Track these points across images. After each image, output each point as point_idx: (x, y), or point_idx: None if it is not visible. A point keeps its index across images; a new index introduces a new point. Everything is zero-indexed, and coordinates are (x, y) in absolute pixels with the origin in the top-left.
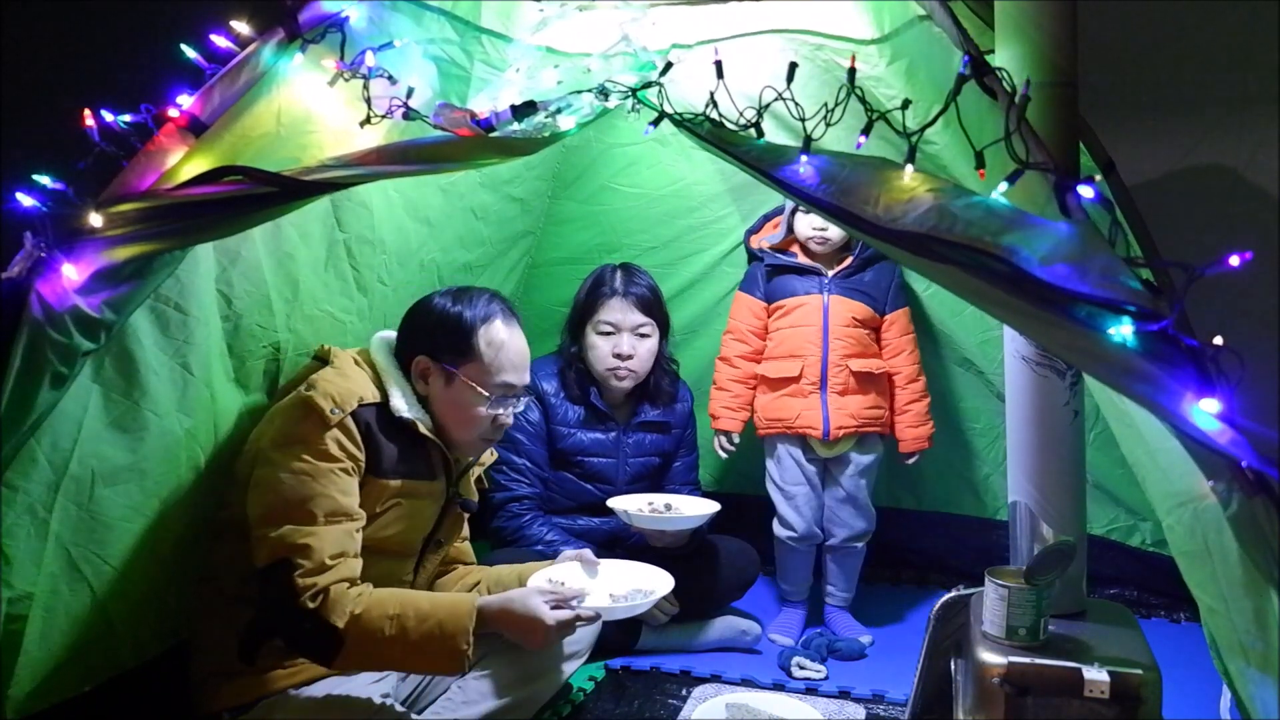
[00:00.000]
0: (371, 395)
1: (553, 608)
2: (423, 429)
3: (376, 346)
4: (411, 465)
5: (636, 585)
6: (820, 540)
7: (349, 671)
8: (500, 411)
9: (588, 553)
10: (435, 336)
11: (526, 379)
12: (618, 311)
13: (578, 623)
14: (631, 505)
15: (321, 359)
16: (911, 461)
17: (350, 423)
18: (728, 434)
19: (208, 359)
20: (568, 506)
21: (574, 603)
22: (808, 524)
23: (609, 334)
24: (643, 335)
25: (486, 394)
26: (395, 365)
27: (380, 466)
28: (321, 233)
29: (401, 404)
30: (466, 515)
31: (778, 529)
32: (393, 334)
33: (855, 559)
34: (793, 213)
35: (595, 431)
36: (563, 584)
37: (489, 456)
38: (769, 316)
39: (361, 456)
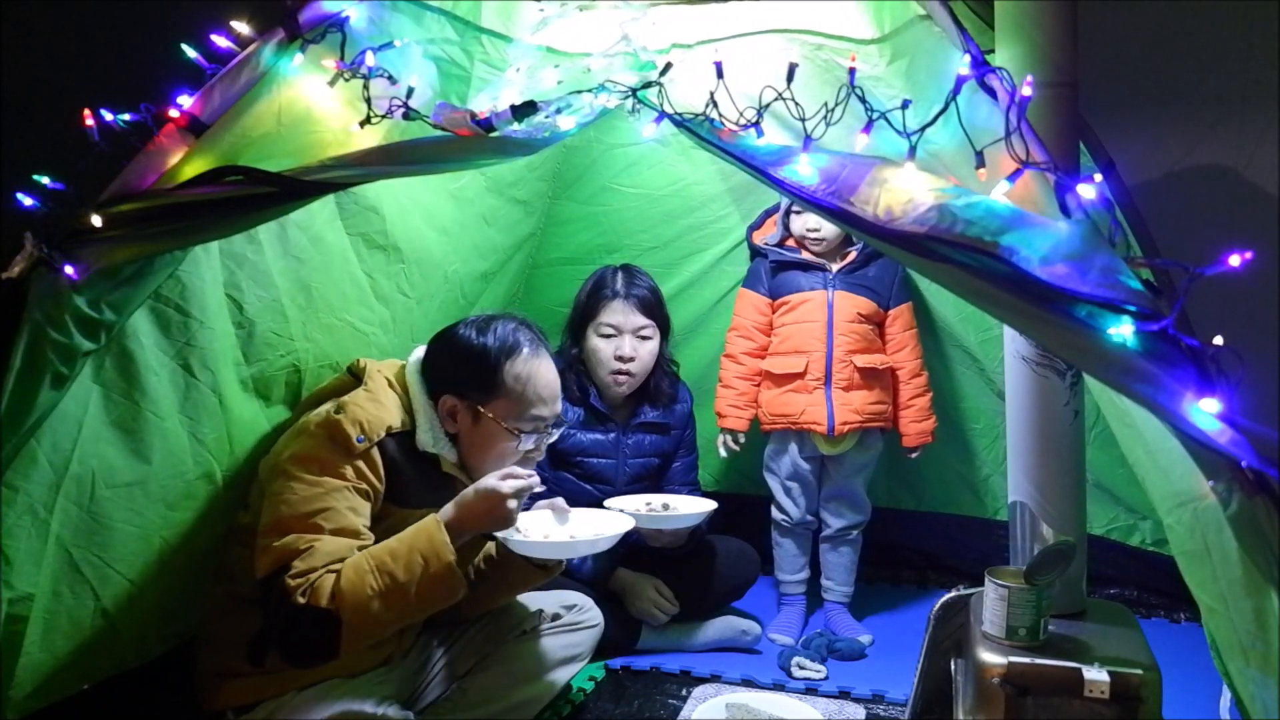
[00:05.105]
0: (400, 423)
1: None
2: (445, 466)
3: (411, 369)
4: (436, 494)
5: (600, 530)
6: (814, 528)
7: (358, 651)
8: (530, 447)
9: (560, 501)
10: (459, 373)
11: (558, 409)
12: (619, 314)
13: (527, 484)
14: (629, 505)
15: (355, 374)
16: (914, 455)
17: (375, 454)
18: (734, 433)
19: (215, 364)
20: None
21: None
22: (802, 513)
23: (610, 336)
24: (644, 337)
25: (515, 431)
26: (426, 394)
27: (405, 497)
28: (330, 236)
29: (427, 438)
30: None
31: (774, 513)
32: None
33: (851, 551)
34: (786, 212)
35: (595, 432)
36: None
37: None
38: (773, 312)
39: (381, 488)
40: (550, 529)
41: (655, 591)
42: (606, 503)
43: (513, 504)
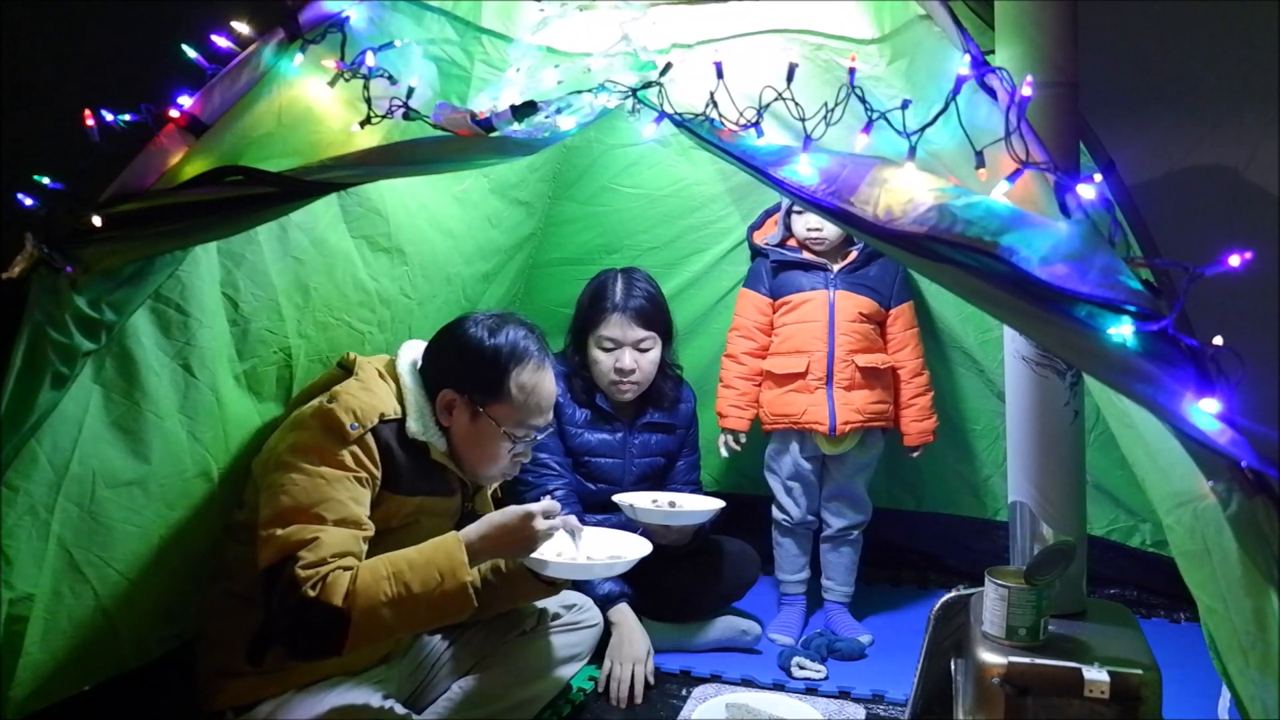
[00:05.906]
0: (393, 411)
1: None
2: (434, 454)
3: (403, 360)
4: (430, 482)
5: (615, 552)
6: (815, 527)
7: (360, 650)
8: (520, 450)
9: (573, 519)
10: (465, 371)
11: (550, 418)
12: (617, 328)
13: (558, 525)
14: (637, 500)
15: (346, 368)
16: (915, 455)
17: (370, 439)
18: (735, 433)
19: (213, 363)
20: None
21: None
22: (803, 513)
23: (610, 350)
24: (644, 350)
25: (510, 435)
26: (419, 384)
27: (398, 483)
28: (332, 239)
29: (416, 426)
30: None
31: (775, 512)
32: (420, 346)
33: (852, 551)
34: (788, 212)
35: (602, 432)
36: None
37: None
38: (774, 312)
39: (378, 474)
40: (564, 547)
41: (640, 663)
42: (614, 497)
43: (540, 524)
